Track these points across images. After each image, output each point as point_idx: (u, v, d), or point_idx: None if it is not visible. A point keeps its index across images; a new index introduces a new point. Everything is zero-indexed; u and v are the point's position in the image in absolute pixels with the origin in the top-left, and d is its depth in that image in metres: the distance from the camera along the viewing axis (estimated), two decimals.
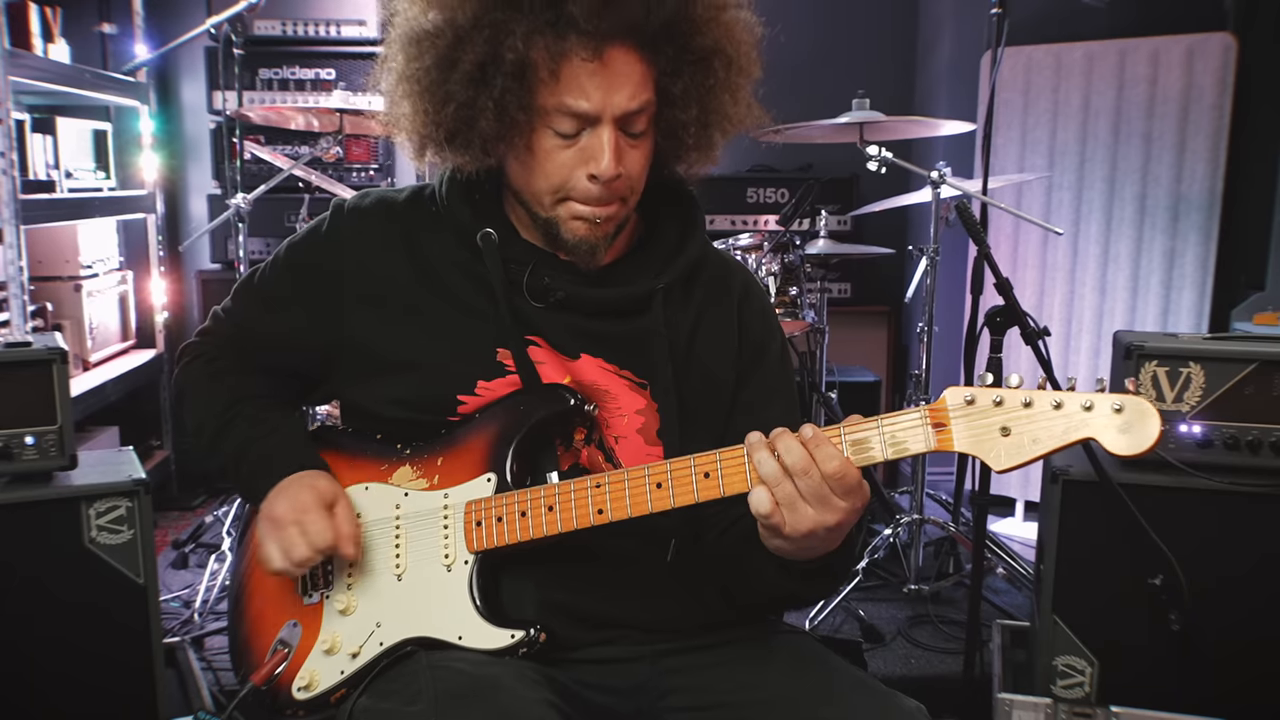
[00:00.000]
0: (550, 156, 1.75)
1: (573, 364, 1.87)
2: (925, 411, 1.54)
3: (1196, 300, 4.71)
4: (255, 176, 4.87)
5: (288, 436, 1.95)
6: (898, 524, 4.04)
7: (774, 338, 2.04)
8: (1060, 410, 1.47)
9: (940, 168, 3.95)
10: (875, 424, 1.56)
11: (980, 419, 1.51)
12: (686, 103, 1.78)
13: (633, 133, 1.76)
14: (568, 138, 1.73)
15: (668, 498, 1.66)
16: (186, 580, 4.09)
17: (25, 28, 4.29)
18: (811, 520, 1.54)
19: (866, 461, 1.56)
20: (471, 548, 1.78)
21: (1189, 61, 4.59)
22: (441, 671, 1.68)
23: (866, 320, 5.79)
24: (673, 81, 1.75)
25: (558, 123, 1.72)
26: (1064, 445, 1.48)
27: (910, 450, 1.54)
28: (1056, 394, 1.48)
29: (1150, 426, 1.43)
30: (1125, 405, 1.44)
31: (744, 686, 1.79)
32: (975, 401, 1.51)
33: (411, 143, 1.84)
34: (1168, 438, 2.69)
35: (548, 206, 1.80)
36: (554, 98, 1.69)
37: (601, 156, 1.72)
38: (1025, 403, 1.48)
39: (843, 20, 5.97)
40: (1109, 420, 1.45)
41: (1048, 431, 1.48)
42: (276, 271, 2.01)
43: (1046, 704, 2.81)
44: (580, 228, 1.80)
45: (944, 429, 1.53)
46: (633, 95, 1.71)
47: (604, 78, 1.69)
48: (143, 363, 5.06)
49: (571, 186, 1.76)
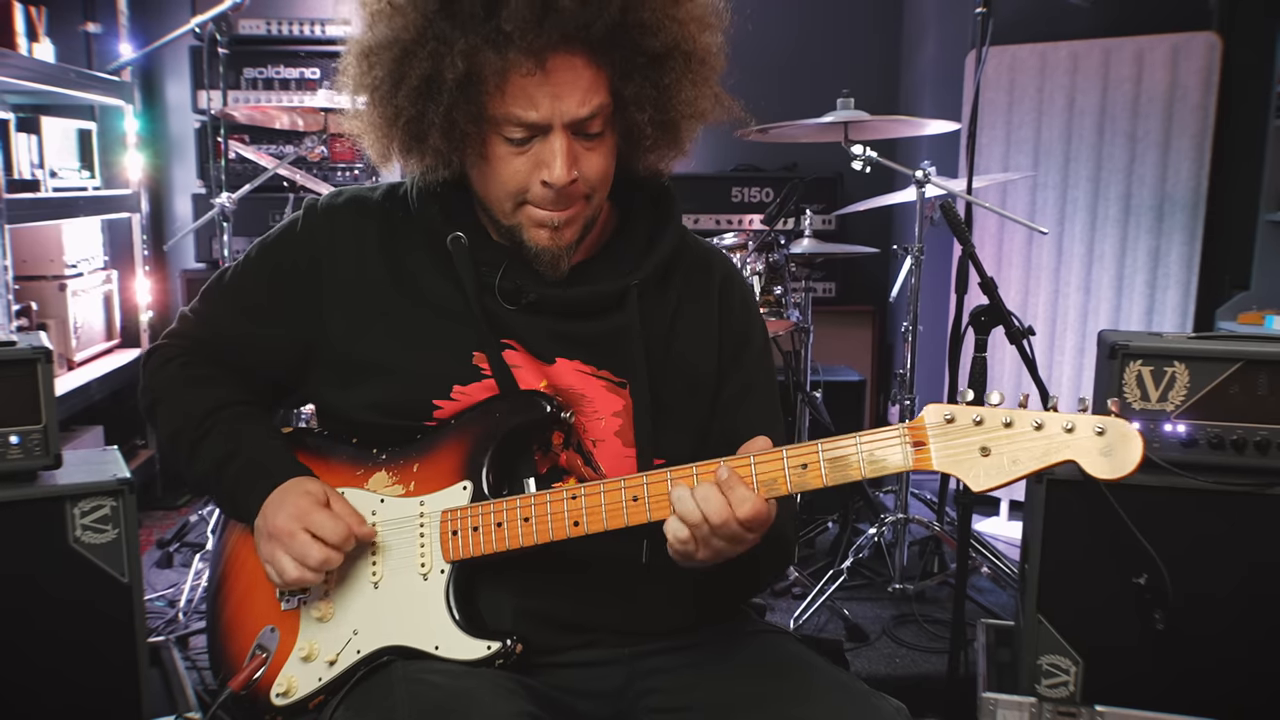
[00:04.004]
0: (505, 164, 1.74)
1: (548, 368, 1.85)
2: (904, 429, 1.54)
3: (1181, 299, 4.72)
4: (240, 176, 4.87)
5: (268, 449, 1.91)
6: (882, 523, 4.04)
7: (756, 329, 2.03)
8: (1041, 431, 1.48)
9: (925, 167, 3.95)
10: (854, 442, 1.56)
11: (959, 438, 1.51)
12: (641, 104, 1.76)
13: (588, 134, 1.74)
14: (520, 144, 1.72)
15: (644, 511, 1.66)
16: (171, 579, 4.08)
17: (10, 27, 4.27)
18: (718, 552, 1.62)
19: (844, 479, 1.57)
20: (448, 557, 1.77)
21: (1174, 61, 4.60)
22: (417, 686, 1.66)
23: (851, 319, 5.81)
24: (625, 84, 1.74)
25: (508, 131, 1.71)
26: (1044, 467, 1.48)
27: (889, 468, 1.55)
28: (1038, 414, 1.48)
29: (1132, 450, 1.44)
30: (1108, 428, 1.45)
31: (723, 688, 1.79)
32: (955, 420, 1.52)
33: (374, 150, 1.83)
34: (1153, 437, 2.70)
35: (508, 213, 1.79)
36: (502, 108, 1.68)
37: (554, 163, 1.71)
38: (1006, 423, 1.49)
39: (827, 19, 5.98)
40: (1091, 443, 1.45)
41: (1028, 452, 1.48)
42: (249, 272, 1.98)
43: (1031, 703, 2.82)
44: (542, 236, 1.79)
45: (923, 448, 1.53)
46: (582, 102, 1.70)
47: (550, 86, 1.67)
48: (127, 362, 5.03)
49: (528, 192, 1.75)
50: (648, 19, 1.70)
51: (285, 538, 1.76)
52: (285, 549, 1.76)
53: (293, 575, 1.76)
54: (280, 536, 1.76)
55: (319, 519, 1.76)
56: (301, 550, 1.74)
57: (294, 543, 1.75)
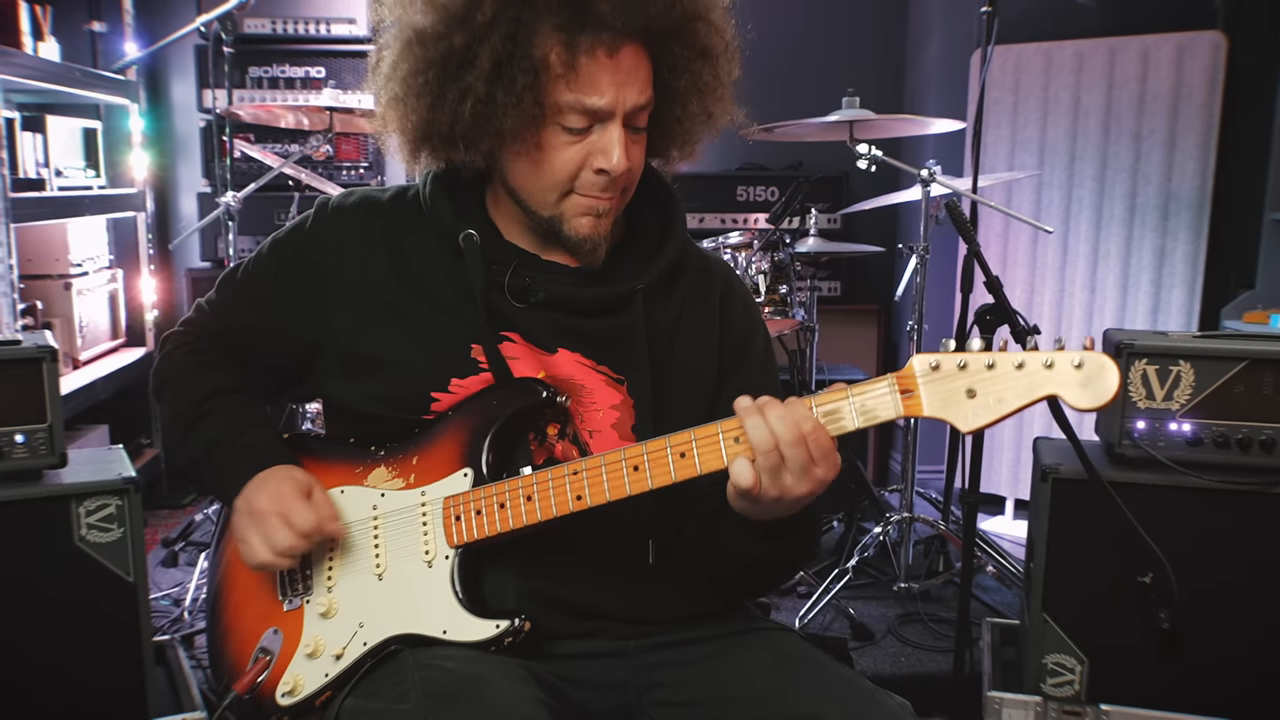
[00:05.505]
0: (558, 152, 1.76)
1: (549, 358, 1.87)
2: (892, 379, 1.57)
3: (1186, 299, 4.72)
4: (245, 175, 4.86)
5: (261, 434, 1.93)
6: (888, 522, 4.04)
7: (757, 333, 2.04)
8: (1023, 370, 1.51)
9: (930, 166, 3.95)
10: (845, 393, 1.59)
11: (946, 383, 1.55)
12: (686, 99, 1.81)
13: (637, 127, 1.79)
14: (577, 133, 1.75)
15: (645, 480, 1.67)
16: (176, 578, 4.09)
17: (15, 26, 4.27)
18: (784, 488, 1.59)
19: (839, 431, 1.60)
20: (452, 542, 1.78)
21: (1179, 60, 4.60)
22: (429, 670, 1.67)
23: (856, 318, 5.79)
24: (675, 78, 1.79)
25: (569, 119, 1.73)
26: (1029, 403, 1.51)
27: (880, 417, 1.58)
28: (1018, 354, 1.52)
29: (1109, 379, 1.47)
30: (1084, 361, 1.48)
31: (727, 682, 1.80)
32: (940, 367, 1.55)
33: (407, 143, 1.84)
34: (1158, 436, 2.70)
35: (552, 204, 1.81)
36: (570, 94, 1.71)
37: (613, 152, 1.74)
38: (989, 365, 1.52)
39: (832, 18, 5.97)
40: (1070, 376, 1.49)
41: (1012, 390, 1.51)
42: (260, 266, 2.01)
43: (1036, 702, 2.82)
44: (584, 225, 1.82)
45: (911, 394, 1.56)
46: (641, 91, 1.75)
47: (618, 74, 1.71)
48: (132, 361, 5.04)
49: (580, 182, 1.78)
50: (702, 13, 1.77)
51: (260, 517, 1.79)
52: (258, 529, 1.78)
53: (261, 557, 1.78)
54: (256, 515, 1.79)
55: (294, 505, 1.78)
56: (270, 532, 1.77)
57: (265, 524, 1.78)
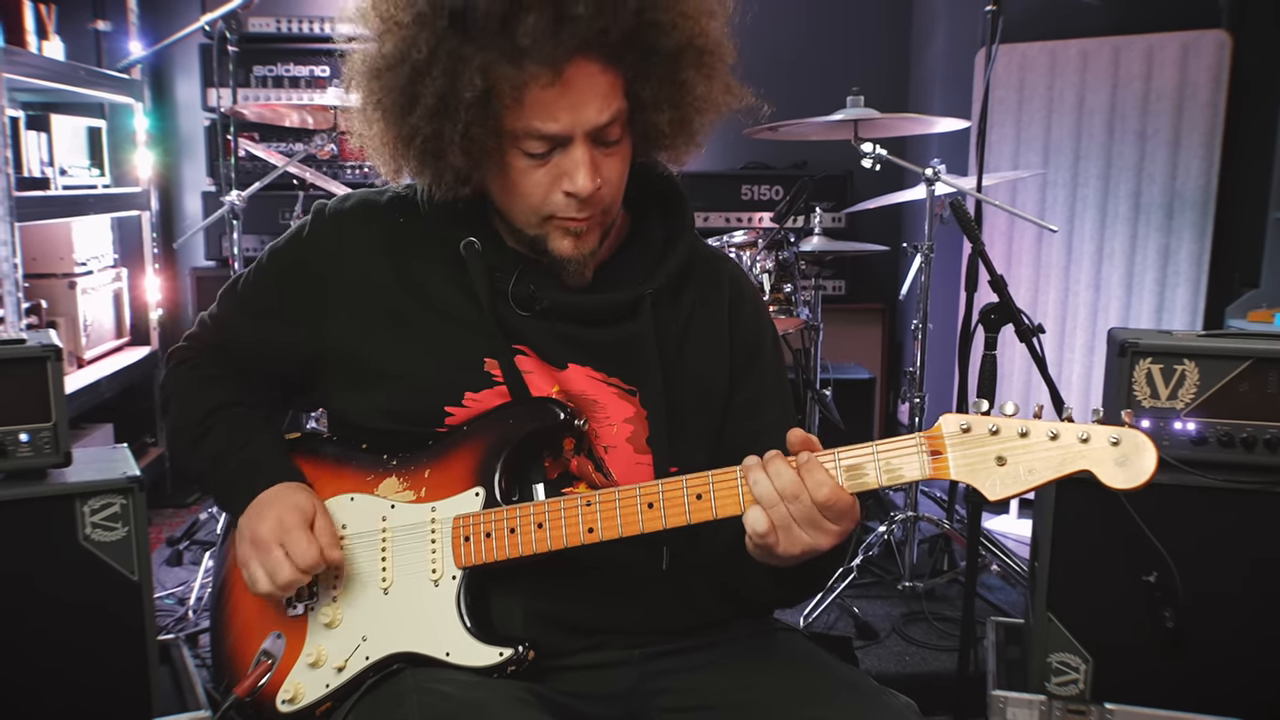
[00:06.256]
0: (525, 177, 1.71)
1: (560, 374, 1.84)
2: (921, 439, 1.53)
3: (1191, 297, 4.72)
4: (249, 174, 4.87)
5: (264, 449, 1.91)
6: (892, 520, 4.04)
7: (766, 336, 2.01)
8: (1057, 441, 1.47)
9: (935, 165, 3.95)
10: (870, 451, 1.56)
11: (976, 447, 1.51)
12: (659, 104, 1.73)
13: (607, 141, 1.72)
14: (539, 158, 1.69)
15: (659, 518, 1.64)
16: (181, 577, 4.09)
17: (20, 24, 4.28)
18: (804, 544, 1.55)
19: (860, 488, 1.56)
20: (460, 563, 1.76)
21: (1184, 58, 4.60)
22: (428, 696, 1.64)
23: (861, 317, 5.80)
24: (642, 86, 1.70)
25: (528, 145, 1.67)
26: (1060, 476, 1.48)
27: (905, 478, 1.54)
28: (1053, 424, 1.48)
29: (1147, 460, 1.44)
30: (1123, 439, 1.45)
31: (734, 687, 1.78)
32: (971, 429, 1.51)
33: (386, 167, 1.81)
34: (1162, 435, 2.70)
35: (534, 225, 1.77)
36: (520, 122, 1.65)
37: (577, 175, 1.68)
38: (1021, 433, 1.49)
39: (837, 17, 5.98)
40: (1106, 453, 1.45)
41: (1044, 462, 1.48)
42: (260, 277, 1.98)
43: (1041, 701, 2.81)
44: (566, 246, 1.77)
45: (940, 457, 1.52)
46: (601, 109, 1.66)
47: (569, 96, 1.63)
48: (137, 360, 5.06)
49: (552, 204, 1.73)
50: (662, 18, 1.66)
51: (263, 549, 1.77)
52: (260, 561, 1.77)
53: (263, 588, 1.77)
54: (259, 545, 1.78)
55: (296, 539, 1.76)
56: (274, 567, 1.76)
57: (269, 558, 1.76)
